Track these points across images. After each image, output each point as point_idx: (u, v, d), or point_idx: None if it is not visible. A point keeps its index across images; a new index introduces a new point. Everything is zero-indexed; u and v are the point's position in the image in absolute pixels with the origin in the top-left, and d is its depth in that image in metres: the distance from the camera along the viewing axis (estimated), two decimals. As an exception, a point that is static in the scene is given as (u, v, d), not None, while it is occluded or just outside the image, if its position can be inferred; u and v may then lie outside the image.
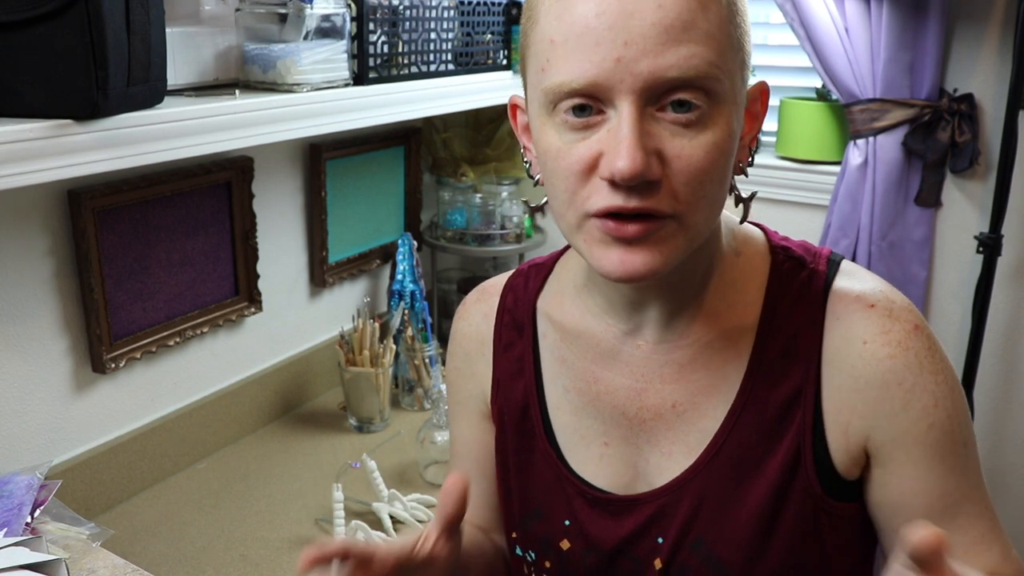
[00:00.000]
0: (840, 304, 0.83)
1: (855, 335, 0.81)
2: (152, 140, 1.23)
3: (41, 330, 1.47)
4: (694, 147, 0.72)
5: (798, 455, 0.82)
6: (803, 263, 0.86)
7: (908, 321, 0.81)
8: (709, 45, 0.71)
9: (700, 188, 0.73)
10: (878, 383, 0.80)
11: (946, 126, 1.85)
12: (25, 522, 1.26)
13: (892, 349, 0.80)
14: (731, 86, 0.74)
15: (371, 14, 1.59)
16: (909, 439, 0.81)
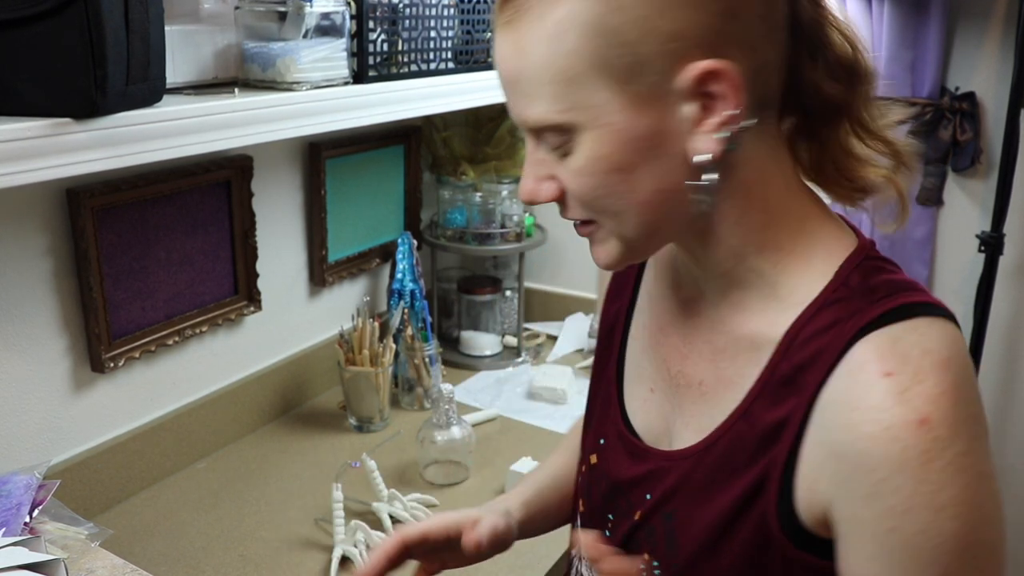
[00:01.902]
0: (858, 356, 0.71)
1: (851, 396, 0.70)
2: (151, 139, 1.22)
3: (40, 329, 1.46)
4: (568, 172, 0.76)
5: (763, 486, 0.77)
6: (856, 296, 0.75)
7: (915, 410, 0.67)
8: (538, 95, 0.73)
9: (594, 202, 0.76)
10: (851, 458, 0.70)
11: (948, 125, 1.84)
12: (24, 522, 1.26)
13: (878, 431, 0.68)
14: (588, 112, 0.72)
15: (371, 12, 1.58)
16: (867, 531, 0.70)
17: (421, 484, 1.69)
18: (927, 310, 0.72)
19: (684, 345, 0.88)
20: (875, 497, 0.68)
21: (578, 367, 2.20)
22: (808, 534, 0.75)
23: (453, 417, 1.69)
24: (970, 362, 0.71)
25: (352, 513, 1.55)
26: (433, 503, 1.61)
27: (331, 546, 1.47)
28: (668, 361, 0.90)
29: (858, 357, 0.71)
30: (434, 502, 1.61)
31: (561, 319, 2.45)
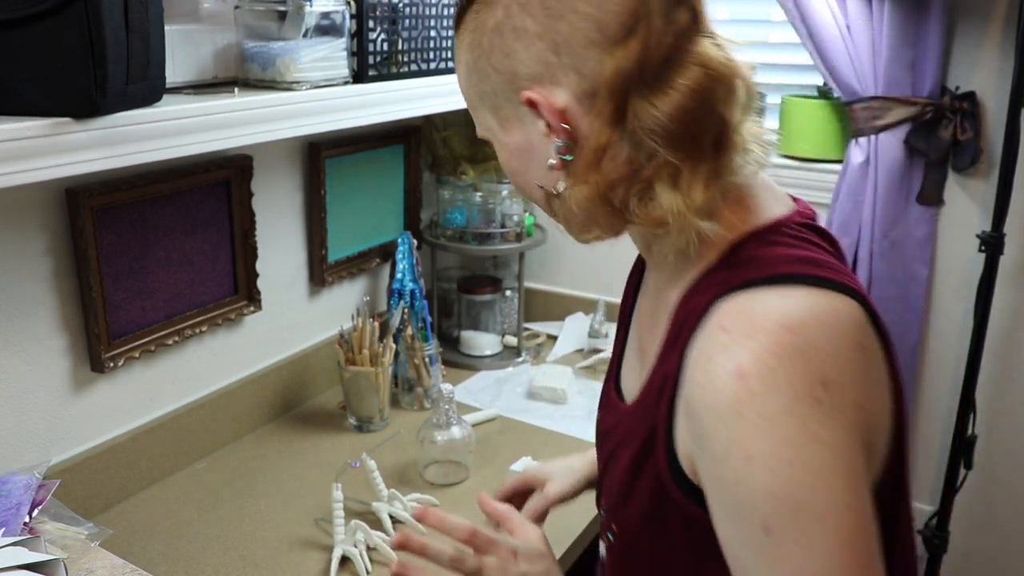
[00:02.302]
0: (712, 316, 0.76)
1: (698, 351, 0.76)
2: (151, 138, 1.22)
3: (39, 329, 1.46)
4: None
5: (654, 440, 0.84)
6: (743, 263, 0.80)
7: (735, 363, 0.70)
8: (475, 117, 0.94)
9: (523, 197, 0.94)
10: (692, 409, 0.76)
11: (948, 124, 1.84)
12: (23, 522, 1.26)
13: (704, 381, 0.73)
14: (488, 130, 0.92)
15: (371, 12, 1.58)
16: (707, 476, 0.76)
17: (421, 484, 1.69)
18: (808, 281, 0.75)
19: (644, 318, 0.99)
20: (703, 445, 0.74)
21: (578, 367, 2.20)
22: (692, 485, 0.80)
23: (453, 417, 1.69)
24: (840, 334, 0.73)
25: (352, 513, 1.55)
26: (433, 503, 1.60)
27: (331, 546, 1.47)
28: (638, 334, 1.00)
29: (712, 315, 0.76)
30: (434, 502, 1.61)
31: (561, 319, 2.45)
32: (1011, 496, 2.04)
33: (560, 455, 1.40)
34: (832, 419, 0.70)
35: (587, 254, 2.41)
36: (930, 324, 2.03)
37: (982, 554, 2.11)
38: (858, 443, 0.72)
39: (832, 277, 0.77)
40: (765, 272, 0.77)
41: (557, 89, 0.82)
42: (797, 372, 0.70)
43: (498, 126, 0.90)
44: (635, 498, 0.87)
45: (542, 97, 0.82)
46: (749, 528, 0.71)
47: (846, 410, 0.71)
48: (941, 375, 2.05)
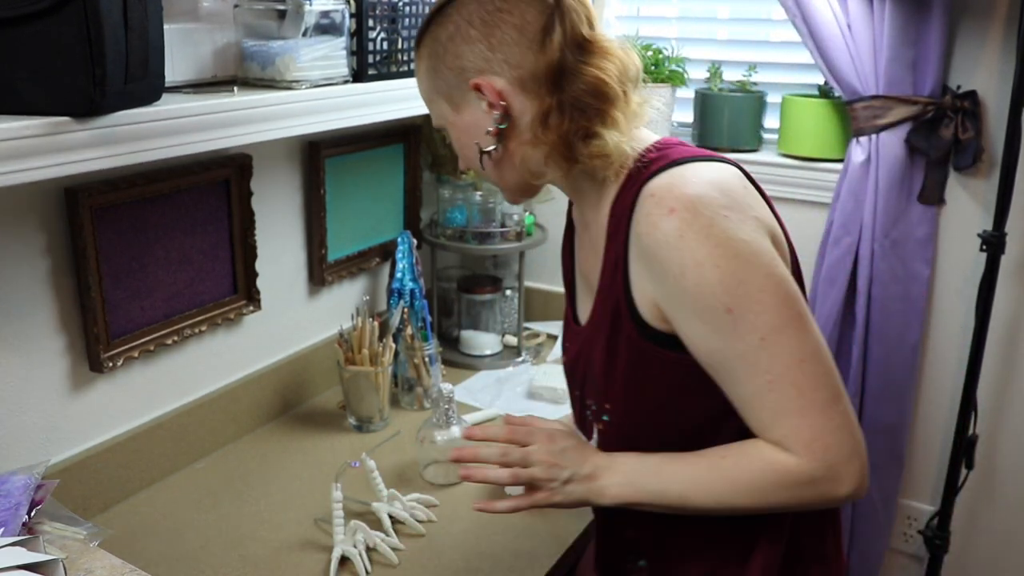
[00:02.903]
0: (642, 194, 1.05)
1: (639, 218, 1.04)
2: (150, 137, 1.22)
3: (38, 329, 1.46)
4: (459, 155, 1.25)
5: (618, 312, 1.10)
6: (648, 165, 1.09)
7: (665, 206, 1.01)
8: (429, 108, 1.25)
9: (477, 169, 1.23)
10: (644, 255, 1.04)
11: (949, 123, 1.84)
12: (22, 522, 1.25)
13: (648, 228, 1.02)
14: (444, 118, 1.22)
15: (370, 10, 1.58)
16: (674, 301, 1.03)
17: (421, 484, 1.68)
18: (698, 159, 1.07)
19: (585, 254, 1.27)
20: (665, 274, 1.02)
21: (578, 366, 2.19)
22: (661, 334, 1.08)
23: (453, 417, 1.68)
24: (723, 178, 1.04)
25: (352, 513, 1.54)
26: (433, 503, 1.60)
27: (330, 546, 1.46)
28: (582, 271, 1.29)
29: (643, 192, 1.05)
30: (434, 502, 1.60)
31: (561, 318, 2.43)
32: (1012, 496, 2.04)
33: None
34: (741, 225, 1.00)
35: (587, 253, 2.41)
36: (931, 324, 2.03)
37: (983, 554, 2.10)
38: (765, 239, 1.02)
39: (712, 155, 1.09)
40: (666, 162, 1.07)
41: (495, 77, 1.12)
42: (708, 202, 1.00)
43: (451, 111, 1.19)
44: (617, 374, 1.13)
45: (485, 82, 1.12)
46: (715, 316, 0.99)
47: (748, 220, 1.01)
48: (942, 375, 2.04)
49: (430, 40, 1.18)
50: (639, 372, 1.11)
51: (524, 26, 1.10)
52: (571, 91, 1.10)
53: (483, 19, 1.12)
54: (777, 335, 0.99)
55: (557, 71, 1.10)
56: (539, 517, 1.58)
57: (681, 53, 2.19)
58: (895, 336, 1.96)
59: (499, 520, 1.56)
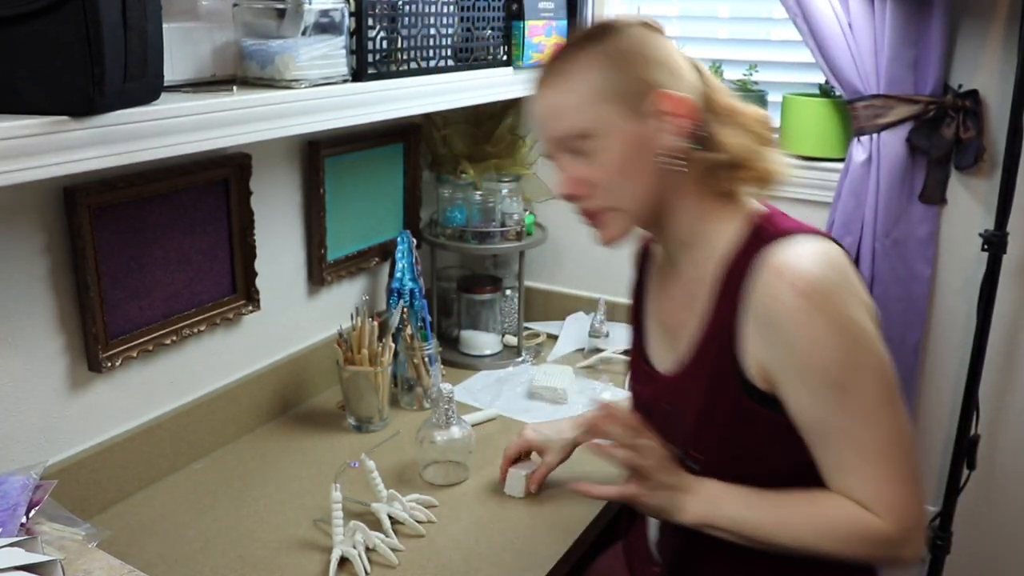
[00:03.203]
0: (761, 266, 1.12)
1: (760, 289, 1.11)
2: (149, 137, 1.22)
3: (36, 328, 1.45)
4: (593, 169, 1.18)
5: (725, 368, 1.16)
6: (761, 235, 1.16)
7: (793, 285, 1.08)
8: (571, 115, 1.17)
9: (611, 189, 1.18)
10: (764, 324, 1.11)
11: (951, 122, 1.83)
12: (20, 523, 1.25)
13: (773, 303, 1.10)
14: (604, 124, 1.16)
15: (370, 9, 1.58)
16: (788, 370, 1.11)
17: (420, 484, 1.68)
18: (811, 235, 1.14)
19: (670, 303, 1.31)
20: (785, 345, 1.10)
21: (579, 367, 2.19)
22: (765, 395, 1.15)
23: (453, 417, 1.68)
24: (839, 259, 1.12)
25: (351, 514, 1.54)
26: (433, 503, 1.60)
27: (330, 547, 1.46)
28: (663, 318, 1.34)
29: (762, 264, 1.12)
30: (434, 503, 1.60)
31: (561, 318, 2.44)
32: (1014, 497, 2.03)
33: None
34: (857, 309, 1.10)
35: (587, 254, 2.41)
36: (932, 323, 2.02)
37: (985, 555, 2.10)
38: (871, 321, 1.11)
39: (822, 233, 1.16)
40: (783, 233, 1.14)
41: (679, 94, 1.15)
42: (830, 284, 1.08)
43: (619, 118, 1.15)
44: (713, 427, 1.19)
45: (676, 95, 1.14)
46: (827, 390, 1.08)
47: (861, 304, 1.11)
48: (943, 375, 2.04)
49: (601, 47, 1.17)
50: (737, 427, 1.18)
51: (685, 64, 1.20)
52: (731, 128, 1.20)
53: (659, 44, 1.18)
54: (878, 413, 1.09)
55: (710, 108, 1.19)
56: (539, 517, 1.58)
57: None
58: (896, 336, 1.95)
59: (499, 521, 1.56)
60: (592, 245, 2.37)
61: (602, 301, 2.29)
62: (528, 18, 2.01)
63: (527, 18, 2.01)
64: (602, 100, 1.16)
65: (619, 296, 2.37)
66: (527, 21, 2.01)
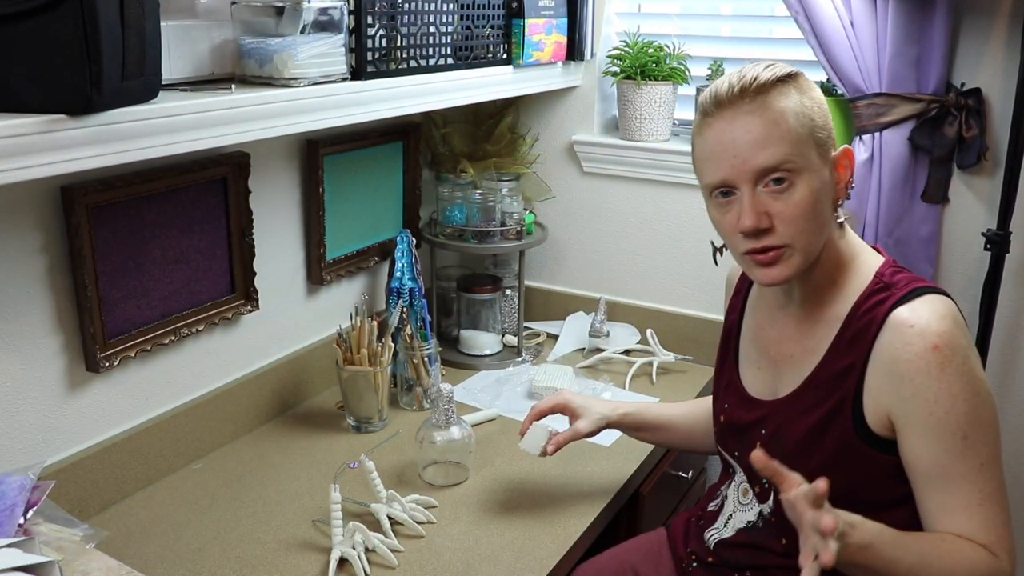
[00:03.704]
0: (895, 320, 1.19)
1: (894, 342, 1.18)
2: (147, 135, 1.21)
3: (34, 328, 1.45)
4: (787, 205, 1.20)
5: (840, 409, 1.24)
6: (889, 287, 1.23)
7: (929, 342, 1.15)
8: (781, 146, 1.19)
9: (798, 226, 1.20)
10: (897, 377, 1.18)
11: (953, 121, 1.83)
12: (18, 523, 1.25)
13: (910, 357, 1.17)
14: (806, 163, 1.20)
15: (369, 7, 1.57)
16: (914, 419, 1.18)
17: (420, 485, 1.67)
18: (931, 291, 1.21)
19: (778, 334, 1.38)
20: (916, 397, 1.16)
21: (579, 367, 2.18)
22: (877, 438, 1.22)
23: (452, 417, 1.67)
24: (960, 317, 1.20)
25: (350, 514, 1.54)
26: (432, 504, 1.59)
27: (329, 548, 1.45)
28: (767, 347, 1.39)
29: (895, 317, 1.19)
30: (433, 503, 1.59)
31: (562, 318, 2.43)
32: (1016, 497, 2.03)
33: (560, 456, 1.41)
34: (978, 364, 1.19)
35: (588, 253, 2.40)
36: (934, 323, 2.02)
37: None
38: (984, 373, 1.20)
39: (938, 287, 1.23)
40: (909, 289, 1.21)
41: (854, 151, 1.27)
42: (960, 342, 1.16)
43: (819, 160, 1.22)
44: (816, 455, 1.26)
45: (852, 151, 1.27)
46: (952, 439, 1.16)
47: (977, 358, 1.19)
48: (945, 375, 2.04)
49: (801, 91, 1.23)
50: (838, 460, 1.25)
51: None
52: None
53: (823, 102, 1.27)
54: (992, 463, 1.19)
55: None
56: (538, 520, 1.57)
57: (683, 50, 2.18)
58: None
59: (498, 521, 1.56)
60: (593, 245, 2.38)
61: (602, 301, 2.28)
62: (528, 16, 2.00)
63: (527, 16, 2.00)
64: (808, 140, 1.21)
65: (619, 296, 2.37)
66: (527, 19, 2.00)
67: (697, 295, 2.28)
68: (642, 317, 2.35)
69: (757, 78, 1.21)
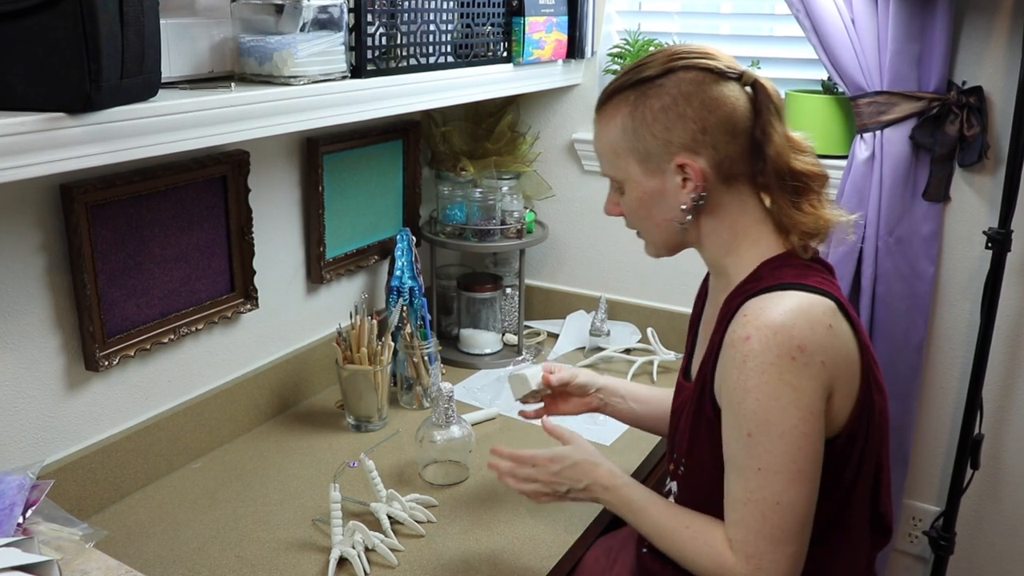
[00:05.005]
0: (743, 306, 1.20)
1: (733, 326, 1.19)
2: (146, 134, 1.21)
3: (33, 327, 1.44)
4: (623, 204, 1.34)
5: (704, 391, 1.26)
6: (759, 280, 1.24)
7: (745, 332, 1.16)
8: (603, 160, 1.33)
9: (634, 223, 1.35)
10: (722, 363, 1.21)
11: (954, 119, 1.82)
12: (17, 523, 1.25)
13: (730, 340, 1.18)
14: (625, 175, 1.29)
15: (369, 5, 1.57)
16: (724, 404, 1.20)
17: (420, 484, 1.67)
18: (799, 288, 1.18)
19: (707, 320, 1.38)
20: (724, 382, 1.19)
21: (579, 365, 2.18)
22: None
23: (452, 416, 1.67)
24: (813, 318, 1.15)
25: (350, 514, 1.53)
26: (432, 503, 1.59)
27: (329, 547, 1.45)
28: (704, 331, 1.40)
29: (745, 305, 1.19)
30: (433, 502, 1.59)
31: (562, 317, 2.43)
32: (1018, 496, 2.03)
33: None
34: (800, 372, 1.13)
35: (588, 251, 2.40)
36: (936, 322, 2.01)
37: (989, 555, 2.09)
38: (820, 390, 1.15)
39: (814, 284, 1.20)
40: (773, 283, 1.21)
41: (699, 158, 1.23)
42: (781, 340, 1.14)
43: (641, 173, 1.27)
44: (698, 438, 1.28)
45: (692, 163, 1.23)
46: (740, 433, 1.17)
47: (813, 366, 1.14)
48: (947, 373, 2.03)
49: (636, 100, 1.25)
50: (707, 441, 1.26)
51: (734, 117, 1.22)
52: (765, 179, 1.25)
53: (703, 102, 1.22)
54: (772, 474, 1.15)
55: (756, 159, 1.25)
56: (539, 519, 1.57)
57: (683, 49, 2.17)
58: (900, 334, 1.95)
59: (498, 521, 1.56)
60: (593, 243, 2.38)
61: (603, 299, 2.28)
62: (528, 14, 2.00)
63: (527, 14, 2.00)
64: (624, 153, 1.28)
65: (620, 294, 2.37)
66: (527, 17, 2.00)
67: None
68: (643, 316, 2.34)
69: (607, 88, 1.31)
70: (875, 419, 1.24)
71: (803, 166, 1.25)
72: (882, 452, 1.28)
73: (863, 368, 1.21)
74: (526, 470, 1.41)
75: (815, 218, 1.25)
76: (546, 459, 1.40)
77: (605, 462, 1.39)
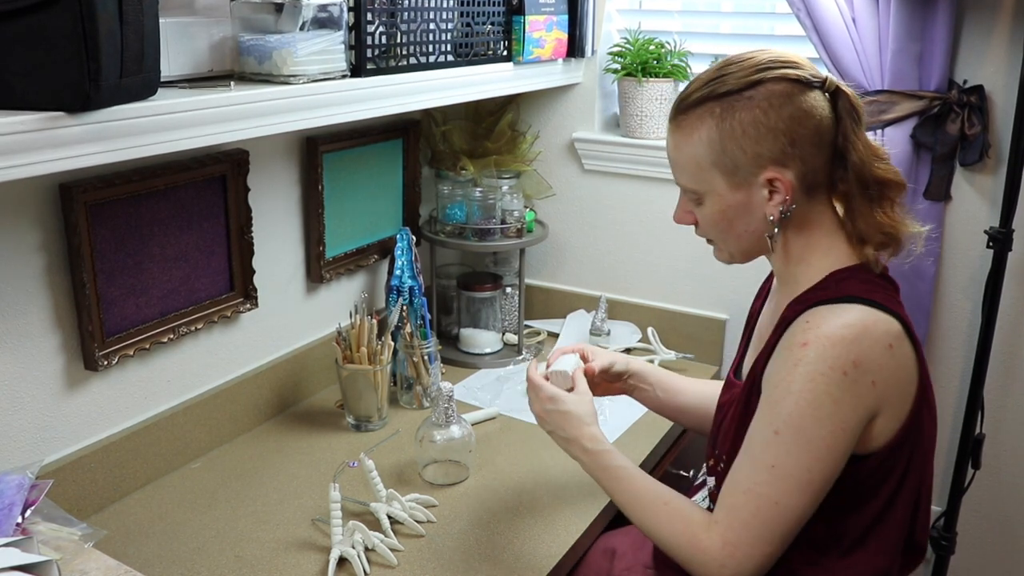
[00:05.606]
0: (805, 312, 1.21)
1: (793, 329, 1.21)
2: (145, 133, 1.21)
3: (32, 326, 1.44)
4: (700, 214, 1.32)
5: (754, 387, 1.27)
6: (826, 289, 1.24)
7: (804, 337, 1.17)
8: (683, 173, 1.30)
9: (711, 232, 1.34)
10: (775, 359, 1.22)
11: (956, 118, 1.82)
12: (16, 522, 1.24)
13: (787, 343, 1.20)
14: (708, 188, 1.27)
15: (369, 4, 1.56)
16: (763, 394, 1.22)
17: (420, 484, 1.67)
18: (865, 303, 1.19)
19: (763, 320, 1.42)
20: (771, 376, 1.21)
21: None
22: None
23: (452, 416, 1.66)
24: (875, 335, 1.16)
25: (350, 514, 1.53)
26: (432, 503, 1.59)
27: (328, 547, 1.45)
28: (759, 331, 1.43)
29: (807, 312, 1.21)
30: (433, 502, 1.59)
31: (562, 316, 2.43)
32: (1019, 496, 2.02)
33: (561, 455, 1.44)
34: (848, 388, 1.14)
35: (589, 251, 2.40)
36: (937, 321, 2.01)
37: (990, 555, 2.09)
38: (861, 410, 1.16)
39: (880, 301, 1.20)
40: (838, 294, 1.22)
41: (787, 171, 1.22)
42: (838, 352, 1.14)
43: (727, 186, 1.25)
44: (742, 437, 1.25)
45: (781, 176, 1.22)
46: (768, 427, 1.18)
47: (862, 384, 1.15)
48: (948, 373, 2.03)
49: (722, 112, 1.23)
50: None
51: (822, 128, 1.21)
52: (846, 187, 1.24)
53: (792, 115, 1.20)
54: (783, 475, 1.16)
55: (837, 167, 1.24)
56: (539, 518, 1.57)
57: (684, 47, 2.17)
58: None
59: (498, 521, 1.56)
60: (593, 242, 2.38)
61: (603, 299, 2.28)
62: (529, 13, 2.00)
63: (528, 13, 1.99)
64: (709, 167, 1.25)
65: (620, 294, 2.36)
66: (528, 16, 1.99)
67: (698, 293, 2.27)
68: (643, 315, 2.34)
69: (686, 98, 1.28)
70: (922, 445, 1.24)
71: (884, 174, 1.24)
72: (924, 478, 1.28)
73: (918, 393, 1.21)
74: (531, 392, 1.46)
75: (892, 226, 1.25)
76: (546, 395, 1.43)
77: (595, 425, 1.40)
